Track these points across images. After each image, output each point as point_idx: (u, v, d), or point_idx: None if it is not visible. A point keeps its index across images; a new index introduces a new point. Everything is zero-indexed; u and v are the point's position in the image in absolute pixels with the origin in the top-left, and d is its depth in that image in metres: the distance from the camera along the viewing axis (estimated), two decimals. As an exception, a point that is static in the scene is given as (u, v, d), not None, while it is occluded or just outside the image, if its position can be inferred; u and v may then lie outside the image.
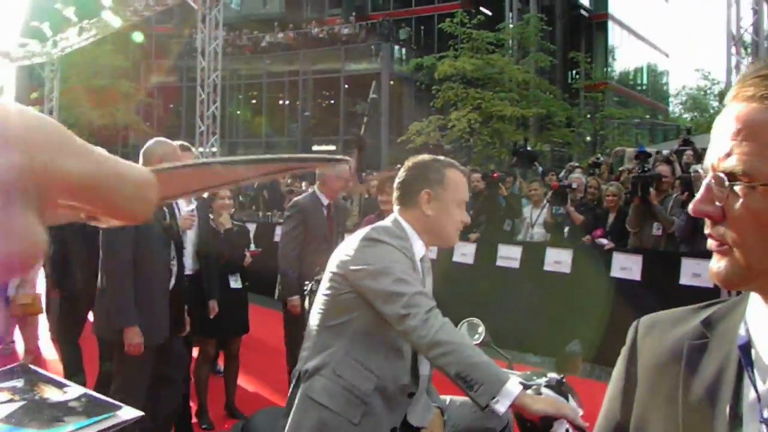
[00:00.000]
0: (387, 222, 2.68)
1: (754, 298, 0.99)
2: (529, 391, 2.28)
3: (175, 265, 4.32)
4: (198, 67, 15.99)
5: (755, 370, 0.93)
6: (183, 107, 33.57)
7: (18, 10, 37.06)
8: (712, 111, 42.95)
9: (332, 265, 2.58)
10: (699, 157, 9.58)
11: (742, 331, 0.98)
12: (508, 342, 7.30)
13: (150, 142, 4.32)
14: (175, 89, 34.73)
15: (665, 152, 9.60)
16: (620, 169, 9.30)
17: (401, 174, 2.74)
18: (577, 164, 11.27)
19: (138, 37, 19.14)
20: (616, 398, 1.14)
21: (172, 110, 35.98)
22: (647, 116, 33.64)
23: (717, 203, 0.93)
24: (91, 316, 5.41)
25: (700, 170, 1.01)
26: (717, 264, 0.95)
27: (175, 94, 34.84)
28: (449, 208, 2.65)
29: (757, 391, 0.92)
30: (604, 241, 7.86)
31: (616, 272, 7.43)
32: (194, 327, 4.70)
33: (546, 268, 7.94)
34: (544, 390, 2.36)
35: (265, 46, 33.13)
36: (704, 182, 0.95)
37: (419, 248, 2.64)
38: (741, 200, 0.90)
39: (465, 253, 8.56)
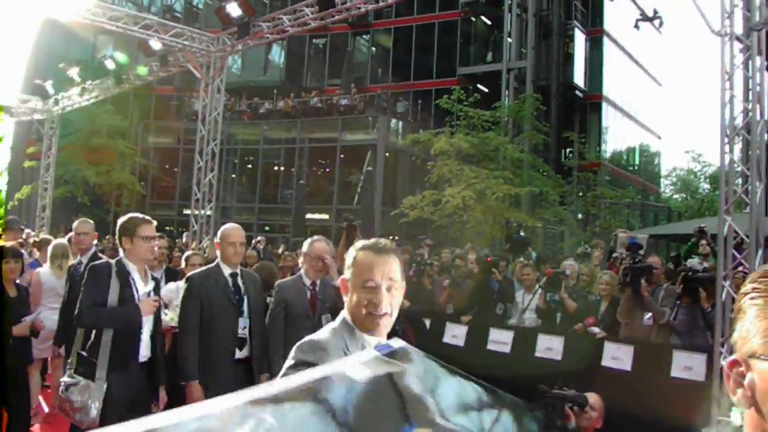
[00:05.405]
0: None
1: None
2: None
3: None
4: (198, 134, 16.05)
5: None
6: (179, 168, 33.77)
7: (20, 65, 37.32)
8: (702, 193, 43.47)
9: None
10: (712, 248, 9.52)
11: None
12: (497, 429, 7.26)
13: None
14: (172, 150, 34.89)
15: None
16: (614, 255, 9.35)
17: None
18: (571, 262, 11.32)
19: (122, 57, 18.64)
20: None
21: (168, 171, 36.11)
22: (639, 197, 33.89)
23: None
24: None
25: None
26: None
27: (172, 155, 34.98)
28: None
29: None
30: (596, 329, 7.87)
31: (607, 362, 7.40)
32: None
33: (537, 354, 7.90)
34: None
35: (263, 113, 33.43)
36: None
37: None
38: None
39: (456, 335, 8.55)
